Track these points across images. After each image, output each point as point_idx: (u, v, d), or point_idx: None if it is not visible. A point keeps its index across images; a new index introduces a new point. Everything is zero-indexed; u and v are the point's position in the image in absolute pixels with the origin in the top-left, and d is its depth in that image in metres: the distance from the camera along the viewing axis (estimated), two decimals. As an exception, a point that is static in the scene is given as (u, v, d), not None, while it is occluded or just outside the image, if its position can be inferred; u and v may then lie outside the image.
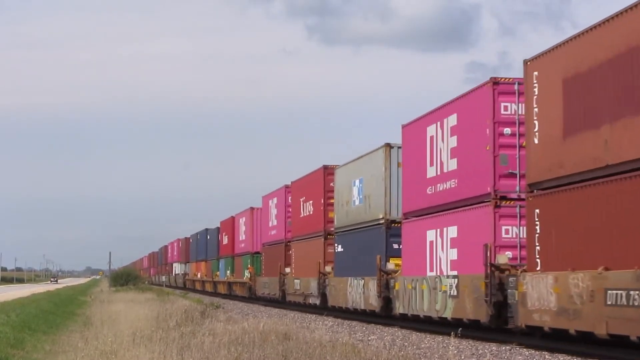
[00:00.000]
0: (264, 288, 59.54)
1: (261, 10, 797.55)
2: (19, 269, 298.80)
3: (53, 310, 47.75)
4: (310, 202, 48.35)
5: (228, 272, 75.28)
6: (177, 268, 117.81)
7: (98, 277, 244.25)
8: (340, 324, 37.24)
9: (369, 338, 29.69)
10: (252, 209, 66.33)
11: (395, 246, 35.60)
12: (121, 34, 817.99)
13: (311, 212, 48.27)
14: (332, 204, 44.39)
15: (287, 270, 53.04)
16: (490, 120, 27.82)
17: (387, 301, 35.73)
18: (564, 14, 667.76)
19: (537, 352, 23.93)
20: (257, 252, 63.72)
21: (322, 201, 45.87)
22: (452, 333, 25.10)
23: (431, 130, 32.13)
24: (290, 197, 54.16)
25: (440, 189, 31.24)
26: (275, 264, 56.00)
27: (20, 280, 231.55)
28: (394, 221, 35.97)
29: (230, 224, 76.45)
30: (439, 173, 31.38)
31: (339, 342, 23.67)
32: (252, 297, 64.10)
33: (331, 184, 44.72)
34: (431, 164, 32.04)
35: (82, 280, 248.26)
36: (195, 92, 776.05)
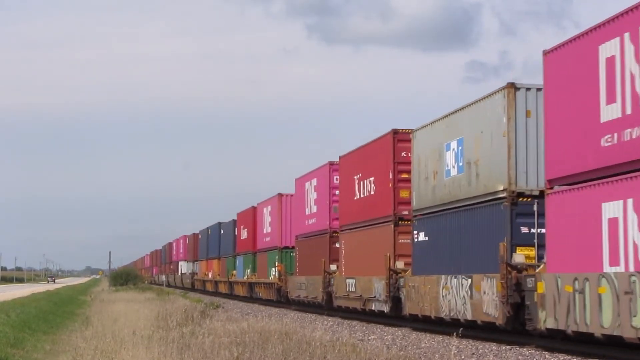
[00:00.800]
0: (299, 290, 49.55)
1: (261, 9, 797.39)
2: (19, 269, 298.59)
3: (53, 310, 47.72)
4: (371, 179, 38.54)
5: (248, 271, 65.62)
6: (184, 267, 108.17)
7: (98, 276, 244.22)
8: (341, 324, 37.20)
9: (369, 338, 29.66)
10: (280, 195, 55.94)
11: (525, 230, 26.27)
12: (121, 34, 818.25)
13: (372, 193, 38.35)
14: (405, 180, 35.27)
15: (333, 267, 43.58)
16: None
17: (517, 309, 25.60)
18: (565, 13, 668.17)
19: (537, 352, 23.90)
20: (288, 247, 54.54)
21: (391, 176, 35.97)
22: (454, 333, 25.06)
23: (610, 48, 21.67)
24: (337, 176, 44.42)
25: (633, 136, 20.81)
26: (315, 261, 46.12)
27: (20, 280, 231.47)
28: (521, 194, 26.32)
29: (250, 216, 65.68)
30: (629, 112, 21.01)
31: (339, 341, 23.64)
32: (281, 301, 54.58)
33: (403, 154, 35.61)
34: (611, 100, 21.50)
35: (82, 280, 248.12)
36: (195, 92, 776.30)
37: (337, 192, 43.57)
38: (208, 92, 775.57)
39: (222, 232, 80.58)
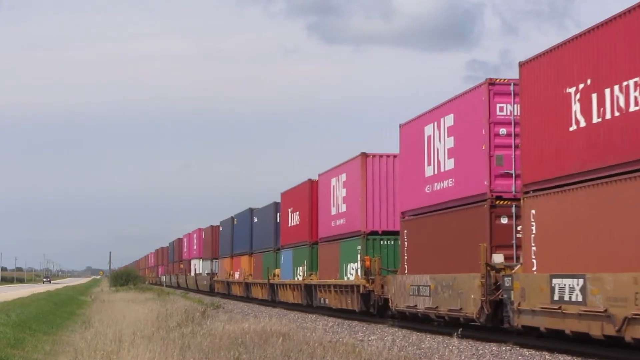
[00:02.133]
0: (415, 296, 32.49)
1: (261, 9, 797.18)
2: (19, 269, 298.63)
3: (53, 310, 47.70)
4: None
5: (302, 269, 48.42)
6: (199, 266, 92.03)
7: (98, 277, 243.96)
8: (341, 324, 37.17)
9: (370, 338, 29.64)
10: (364, 156, 39.43)
11: None
12: (121, 34, 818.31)
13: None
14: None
15: (498, 258, 27.23)
16: None
17: None
18: (567, 12, 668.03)
19: (537, 352, 23.90)
20: (377, 233, 38.83)
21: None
22: (454, 334, 25.05)
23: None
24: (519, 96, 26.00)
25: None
26: (452, 248, 29.89)
27: (20, 280, 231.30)
28: None
29: (305, 194, 48.33)
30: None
31: (340, 342, 23.64)
32: (372, 313, 37.93)
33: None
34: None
35: (83, 280, 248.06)
36: (195, 92, 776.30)
37: (503, 130, 28.11)
38: (208, 92, 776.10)
39: (255, 220, 63.87)
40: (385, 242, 38.80)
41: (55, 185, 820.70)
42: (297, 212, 50.26)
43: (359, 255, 38.89)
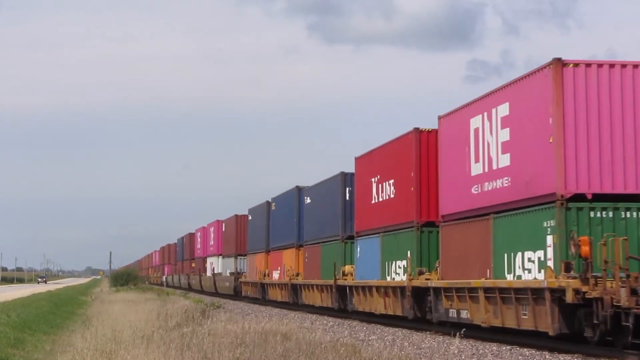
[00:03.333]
0: None
1: (261, 9, 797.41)
2: (19, 269, 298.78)
3: (53, 310, 47.68)
4: None
5: (402, 264, 33.59)
6: (218, 265, 78.45)
7: (99, 277, 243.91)
8: (341, 324, 37.16)
9: (370, 338, 29.63)
10: (558, 63, 23.86)
11: None
12: (121, 34, 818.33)
13: None
14: None
15: None
16: None
17: None
18: (570, 12, 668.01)
19: (537, 352, 23.89)
20: (609, 196, 23.40)
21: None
22: (456, 334, 25.03)
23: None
24: None
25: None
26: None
27: (20, 280, 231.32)
28: None
29: (409, 149, 33.18)
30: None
31: (340, 342, 23.63)
32: (592, 341, 23.14)
33: None
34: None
35: (83, 281, 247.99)
36: (195, 92, 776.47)
37: None
38: (208, 92, 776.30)
39: (306, 200, 49.69)
40: (607, 214, 23.43)
41: (55, 185, 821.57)
42: (391, 182, 35.50)
43: (549, 238, 23.76)
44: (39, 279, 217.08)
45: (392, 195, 35.56)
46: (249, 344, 21.77)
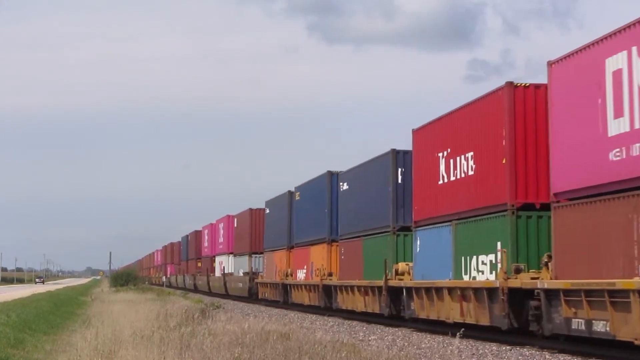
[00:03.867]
0: None
1: (261, 8, 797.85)
2: (19, 269, 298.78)
3: (53, 310, 47.66)
4: None
5: (488, 259, 27.06)
6: (229, 264, 72.23)
7: (99, 277, 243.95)
8: (341, 324, 37.14)
9: (370, 338, 29.61)
10: None
11: None
12: (121, 34, 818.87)
13: None
14: None
15: None
16: None
17: None
18: (570, 12, 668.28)
19: (537, 352, 23.87)
20: None
21: None
22: (457, 334, 25.01)
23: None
24: None
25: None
26: None
27: (20, 281, 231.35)
28: None
29: (500, 108, 26.43)
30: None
31: (340, 342, 23.61)
32: None
33: None
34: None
35: (83, 281, 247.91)
36: (195, 92, 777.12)
37: None
38: (208, 92, 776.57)
39: (341, 187, 42.10)
40: None
41: (55, 185, 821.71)
42: (469, 155, 28.74)
43: None
44: (36, 280, 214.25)
45: (470, 172, 28.49)
46: (248, 344, 21.76)
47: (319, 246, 45.12)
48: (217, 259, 78.16)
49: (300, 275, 48.74)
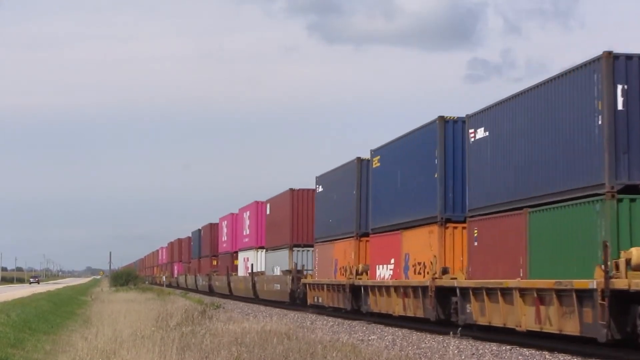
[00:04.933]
0: None
1: (261, 8, 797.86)
2: (19, 269, 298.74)
3: (53, 310, 47.68)
4: None
5: None
6: (259, 261, 59.50)
7: (99, 277, 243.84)
8: (341, 324, 37.13)
9: (370, 338, 29.61)
10: None
11: None
12: (121, 34, 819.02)
13: None
14: None
15: None
16: None
17: None
18: (571, 12, 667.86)
19: (537, 352, 23.88)
20: None
21: None
22: (456, 333, 25.03)
23: None
24: None
25: None
26: None
27: (20, 280, 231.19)
28: None
29: None
30: None
31: (340, 342, 23.62)
32: None
33: None
34: None
35: (83, 280, 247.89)
36: (195, 92, 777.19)
37: None
38: (208, 92, 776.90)
39: (472, 135, 27.89)
40: None
41: (55, 185, 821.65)
42: None
43: None
44: (31, 280, 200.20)
45: None
46: (248, 344, 21.77)
47: (422, 229, 31.14)
48: (241, 255, 65.77)
49: (384, 272, 35.22)
